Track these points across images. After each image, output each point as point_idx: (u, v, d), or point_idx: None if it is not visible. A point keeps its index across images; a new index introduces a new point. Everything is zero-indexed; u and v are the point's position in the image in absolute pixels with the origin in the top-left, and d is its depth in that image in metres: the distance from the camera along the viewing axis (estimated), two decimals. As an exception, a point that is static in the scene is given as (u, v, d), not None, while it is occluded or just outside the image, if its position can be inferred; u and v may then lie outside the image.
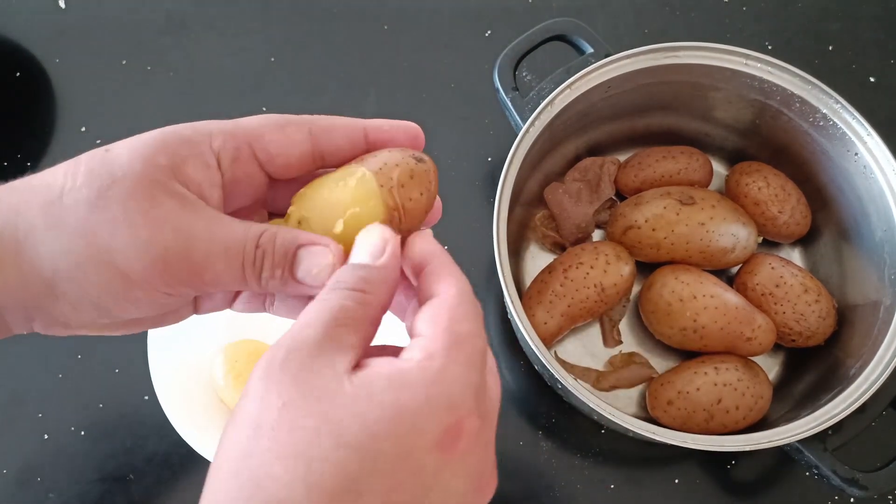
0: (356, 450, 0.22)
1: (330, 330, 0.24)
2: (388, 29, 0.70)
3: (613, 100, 0.57)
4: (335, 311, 0.25)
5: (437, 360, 0.24)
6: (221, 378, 0.54)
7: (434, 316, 0.25)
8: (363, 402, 0.23)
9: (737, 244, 0.57)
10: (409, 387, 0.23)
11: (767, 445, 0.47)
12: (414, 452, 0.23)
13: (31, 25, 0.70)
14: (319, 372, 0.23)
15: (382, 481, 0.22)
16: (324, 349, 0.24)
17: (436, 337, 0.25)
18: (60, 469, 0.57)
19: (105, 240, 0.26)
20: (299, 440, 0.22)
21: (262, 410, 0.23)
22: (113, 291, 0.27)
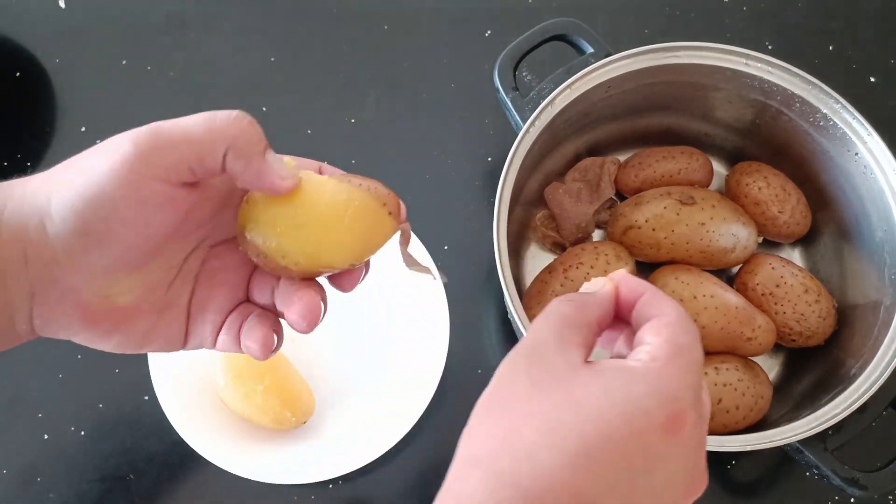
0: (593, 422, 0.26)
1: (560, 330, 0.29)
2: (388, 29, 0.70)
3: (613, 100, 0.57)
4: (560, 316, 0.30)
5: (660, 362, 0.28)
6: (221, 378, 0.54)
7: (657, 328, 0.29)
8: (598, 386, 0.27)
9: (737, 244, 0.57)
10: (637, 379, 0.27)
11: (768, 445, 0.47)
12: (643, 432, 0.26)
13: (31, 25, 0.70)
14: (558, 362, 0.28)
15: (615, 453, 0.25)
16: (559, 345, 0.29)
17: (659, 345, 0.28)
18: (60, 469, 0.57)
19: (81, 160, 0.29)
20: (548, 410, 0.26)
21: (514, 389, 0.28)
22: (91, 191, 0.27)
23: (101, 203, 0.27)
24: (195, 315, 0.33)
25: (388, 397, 0.57)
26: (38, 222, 0.28)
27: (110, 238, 0.28)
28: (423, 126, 0.67)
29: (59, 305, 0.29)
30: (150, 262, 0.31)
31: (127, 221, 0.28)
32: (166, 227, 0.30)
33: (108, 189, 0.27)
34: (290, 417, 0.54)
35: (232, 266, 0.34)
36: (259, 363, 0.54)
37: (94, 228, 0.28)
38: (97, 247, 0.28)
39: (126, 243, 0.29)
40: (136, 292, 0.31)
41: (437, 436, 0.58)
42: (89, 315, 0.30)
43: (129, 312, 0.31)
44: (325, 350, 0.59)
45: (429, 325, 0.57)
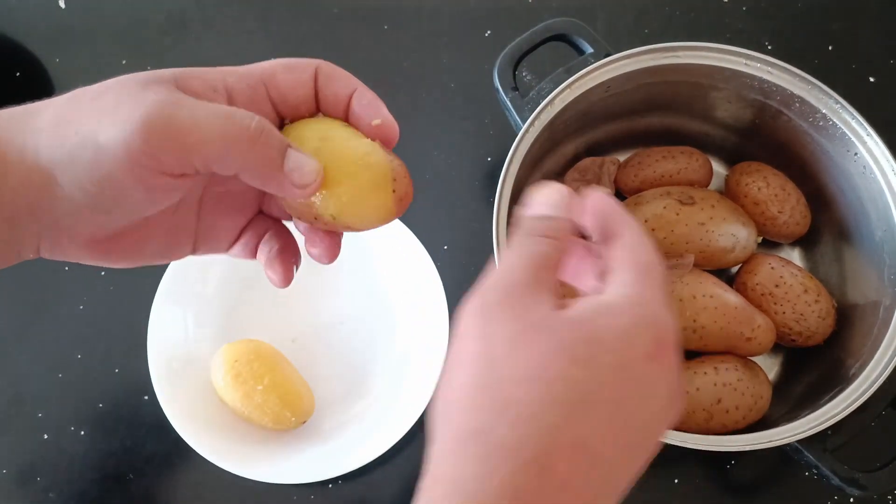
0: (585, 366, 0.25)
1: (536, 272, 0.28)
2: (388, 29, 0.70)
3: (613, 100, 0.57)
4: (536, 256, 0.28)
5: (635, 288, 0.27)
6: (221, 378, 0.54)
7: (620, 254, 0.29)
8: (584, 326, 0.26)
9: (736, 244, 0.57)
10: (619, 312, 0.27)
11: (767, 445, 0.47)
12: (633, 363, 0.26)
13: (31, 25, 0.70)
14: (535, 308, 0.27)
15: (610, 390, 0.25)
16: (533, 288, 0.27)
17: (627, 270, 0.28)
18: (60, 469, 0.57)
19: (92, 125, 0.27)
20: (536, 365, 0.25)
21: (492, 345, 0.26)
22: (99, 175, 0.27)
23: (111, 188, 0.27)
24: (203, 235, 0.34)
25: (387, 397, 0.57)
26: (45, 182, 0.28)
27: (119, 210, 0.29)
28: (423, 126, 0.67)
29: (68, 244, 0.30)
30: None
31: (136, 202, 0.28)
32: (173, 201, 0.30)
33: (118, 179, 0.27)
34: (290, 417, 0.54)
35: (239, 190, 0.34)
36: (258, 364, 0.54)
37: (103, 203, 0.28)
38: (105, 216, 0.29)
39: (134, 214, 0.29)
40: (143, 226, 0.31)
41: (437, 436, 0.58)
42: (99, 250, 0.31)
43: (138, 243, 0.32)
44: (324, 350, 0.59)
45: (428, 325, 0.57)
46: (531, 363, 0.25)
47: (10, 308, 0.62)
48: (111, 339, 0.60)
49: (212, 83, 0.30)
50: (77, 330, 0.61)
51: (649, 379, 0.26)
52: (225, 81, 0.31)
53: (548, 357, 0.25)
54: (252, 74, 0.32)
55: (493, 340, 0.26)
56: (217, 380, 0.55)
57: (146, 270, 0.59)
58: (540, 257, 0.28)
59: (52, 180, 0.27)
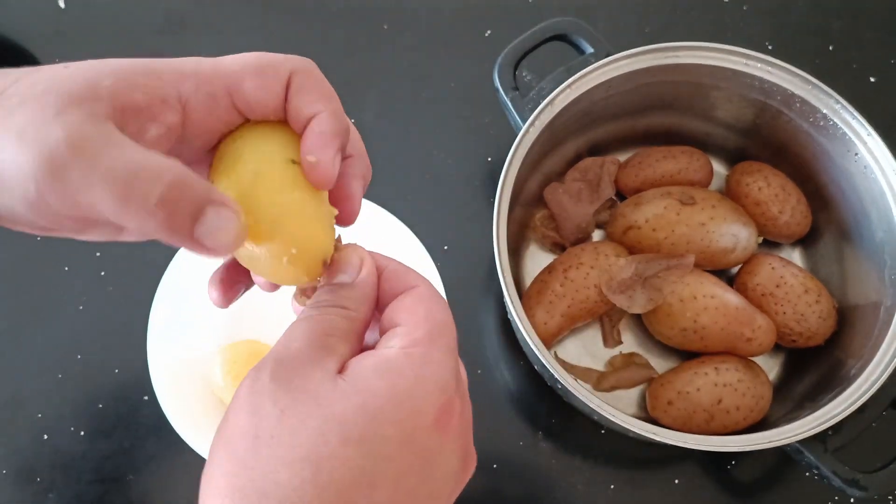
0: (362, 442, 0.23)
1: (318, 339, 0.25)
2: (388, 29, 0.70)
3: (613, 100, 0.57)
4: (324, 326, 0.25)
5: (421, 347, 0.25)
6: (220, 378, 0.54)
7: (411, 307, 0.26)
8: (360, 394, 0.23)
9: (737, 244, 0.57)
10: (400, 372, 0.24)
11: (767, 446, 0.47)
12: (416, 434, 0.24)
13: (31, 25, 0.70)
14: (311, 376, 0.24)
15: (392, 467, 0.23)
16: (312, 357, 0.24)
17: (417, 325, 0.26)
18: (60, 469, 0.57)
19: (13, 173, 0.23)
20: (303, 443, 0.22)
21: (259, 421, 0.23)
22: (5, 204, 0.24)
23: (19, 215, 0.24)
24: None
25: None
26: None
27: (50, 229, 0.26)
28: (424, 126, 0.67)
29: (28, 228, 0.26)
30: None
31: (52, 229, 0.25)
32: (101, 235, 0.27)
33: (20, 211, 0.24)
34: None
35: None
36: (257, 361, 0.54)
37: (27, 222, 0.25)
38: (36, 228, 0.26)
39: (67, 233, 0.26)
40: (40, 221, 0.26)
41: (437, 436, 0.58)
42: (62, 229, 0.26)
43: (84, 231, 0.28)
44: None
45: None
46: (301, 440, 0.22)
47: (10, 308, 0.62)
48: (111, 339, 0.60)
49: (161, 94, 0.26)
50: (77, 330, 0.61)
51: (436, 449, 0.24)
52: (179, 90, 0.26)
53: (321, 434, 0.22)
54: (215, 80, 0.27)
55: (261, 415, 0.23)
56: (217, 380, 0.55)
57: (146, 270, 0.59)
58: (325, 325, 0.25)
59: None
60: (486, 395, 0.59)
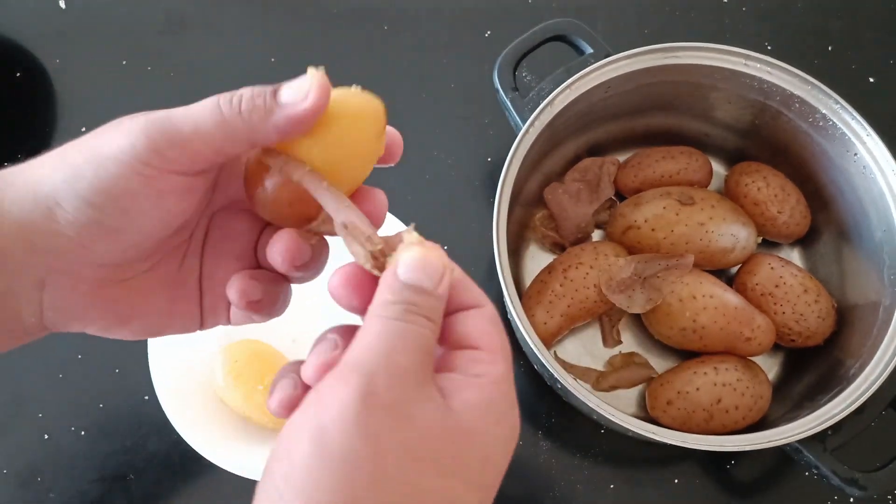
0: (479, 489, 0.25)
1: (420, 358, 0.25)
2: (388, 29, 0.70)
3: (613, 100, 0.57)
4: (422, 342, 0.25)
5: (505, 384, 0.26)
6: (221, 378, 0.54)
7: (488, 331, 0.27)
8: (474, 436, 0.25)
9: (736, 244, 0.57)
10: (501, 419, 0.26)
11: (767, 445, 0.47)
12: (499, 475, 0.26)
13: (31, 25, 0.70)
14: (424, 406, 0.24)
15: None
16: (420, 381, 0.25)
17: (496, 357, 0.27)
18: (60, 469, 0.57)
19: (95, 143, 0.27)
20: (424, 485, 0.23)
21: (380, 451, 0.23)
22: (105, 183, 0.26)
23: (118, 195, 0.26)
24: (206, 290, 0.32)
25: (387, 397, 0.57)
26: (46, 211, 0.27)
27: (127, 227, 0.27)
28: (423, 126, 0.67)
29: (72, 293, 0.28)
30: (165, 246, 0.30)
31: (145, 212, 0.27)
32: (184, 213, 0.29)
33: (125, 182, 0.26)
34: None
35: (236, 233, 0.33)
36: (259, 363, 0.54)
37: (111, 219, 0.27)
38: (113, 235, 0.27)
39: (143, 232, 0.28)
40: (150, 273, 0.30)
41: (437, 436, 0.58)
42: (104, 300, 0.29)
43: (145, 294, 0.30)
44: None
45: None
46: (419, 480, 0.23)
47: (10, 308, 0.62)
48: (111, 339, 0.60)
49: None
50: (77, 330, 0.61)
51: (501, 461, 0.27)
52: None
53: (444, 479, 0.24)
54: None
55: (382, 445, 0.23)
56: (218, 380, 0.55)
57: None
58: (423, 341, 0.25)
59: (53, 204, 0.27)
60: (486, 395, 0.59)
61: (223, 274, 0.32)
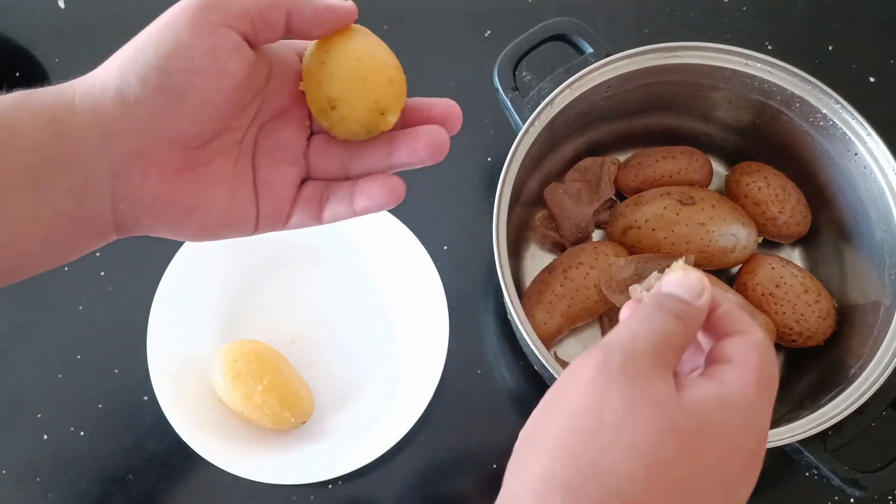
0: (690, 459, 0.25)
1: (661, 347, 0.27)
2: (387, 29, 0.70)
3: (613, 100, 0.57)
4: (664, 333, 0.28)
5: (752, 392, 0.27)
6: (221, 378, 0.54)
7: (746, 349, 0.28)
8: (699, 417, 0.26)
9: (737, 244, 0.57)
10: (734, 411, 0.27)
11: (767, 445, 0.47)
12: (731, 465, 0.26)
13: (31, 25, 0.70)
14: (656, 383, 0.26)
15: (703, 485, 0.26)
16: (656, 364, 0.27)
17: (752, 370, 0.28)
18: (60, 469, 0.57)
19: (155, 22, 0.32)
20: (644, 440, 0.25)
21: (604, 405, 0.26)
22: (167, 45, 0.30)
23: (178, 53, 0.29)
24: (264, 194, 0.34)
25: (387, 397, 0.57)
26: (116, 94, 0.29)
27: (189, 91, 0.30)
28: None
29: (144, 180, 0.31)
30: (223, 126, 0.32)
31: (203, 70, 0.30)
32: (236, 77, 0.31)
33: (183, 38, 0.29)
34: (290, 418, 0.54)
35: (285, 141, 0.35)
36: (258, 364, 0.54)
37: (174, 82, 0.29)
38: (178, 102, 0.30)
39: (203, 96, 0.30)
40: (210, 166, 0.33)
41: (437, 436, 0.58)
42: (173, 188, 0.31)
43: (208, 185, 0.33)
44: (324, 350, 0.59)
45: (428, 325, 0.57)
46: (640, 438, 0.25)
47: (10, 308, 0.62)
48: (111, 339, 0.60)
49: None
50: (77, 330, 0.61)
51: (737, 483, 0.27)
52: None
53: (658, 438, 0.25)
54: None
55: (606, 401, 0.26)
56: (217, 380, 0.55)
57: (146, 270, 0.59)
58: (668, 335, 0.28)
59: (120, 83, 0.29)
60: (486, 395, 0.59)
61: (280, 177, 0.34)
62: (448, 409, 0.58)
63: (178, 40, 0.29)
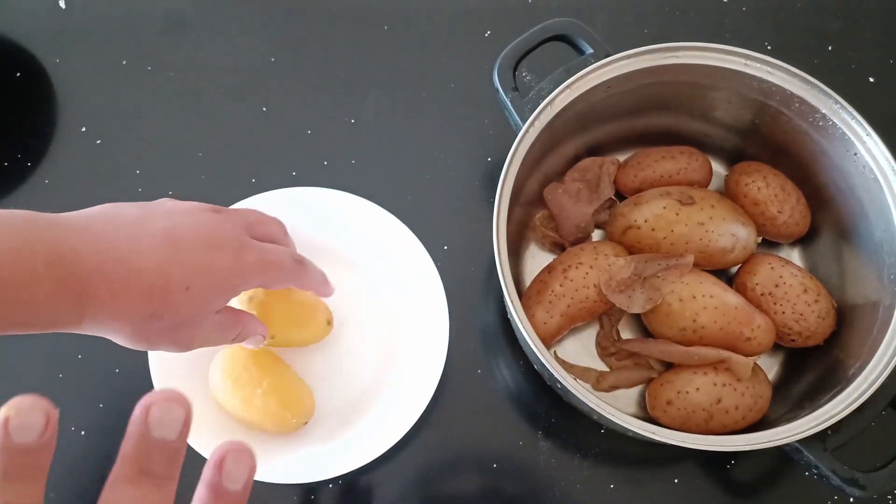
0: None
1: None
2: (388, 29, 0.70)
3: (613, 100, 0.57)
4: None
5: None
6: (220, 384, 0.54)
7: None
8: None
9: (736, 244, 0.57)
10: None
11: (767, 445, 0.47)
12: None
13: (31, 25, 0.70)
14: None
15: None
16: None
17: None
18: (60, 469, 0.57)
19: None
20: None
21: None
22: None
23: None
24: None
25: (387, 397, 0.57)
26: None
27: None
28: (423, 126, 0.67)
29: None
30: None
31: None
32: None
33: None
34: (291, 419, 0.54)
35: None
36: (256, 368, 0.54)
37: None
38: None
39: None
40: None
41: (437, 436, 0.58)
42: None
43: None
44: (324, 351, 0.59)
45: (428, 325, 0.57)
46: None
47: (10, 308, 0.62)
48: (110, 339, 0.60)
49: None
50: (77, 330, 0.61)
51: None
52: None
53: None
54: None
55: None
56: (216, 386, 0.55)
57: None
58: None
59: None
60: (486, 395, 0.59)
61: None
62: (448, 409, 0.58)
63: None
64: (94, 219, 0.39)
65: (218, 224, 0.44)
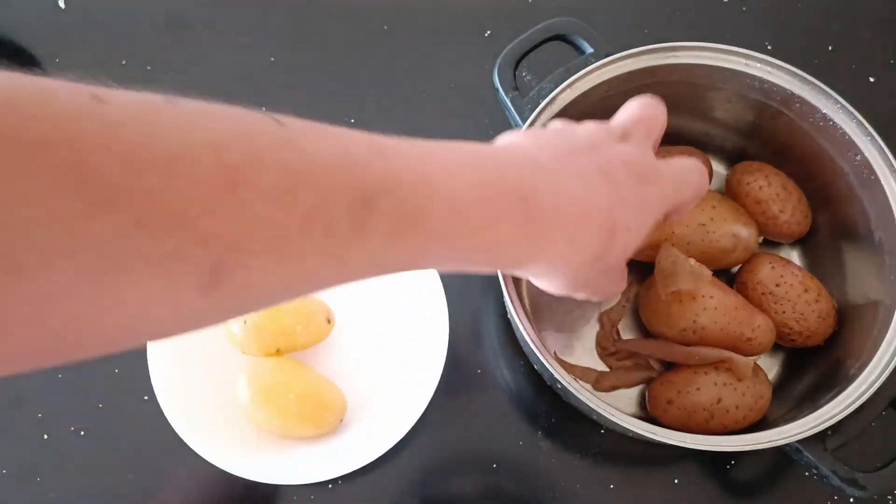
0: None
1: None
2: (387, 29, 0.70)
3: (613, 100, 0.57)
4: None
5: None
6: (249, 398, 0.54)
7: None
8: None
9: (738, 244, 0.57)
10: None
11: (767, 445, 0.47)
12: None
13: (31, 25, 0.70)
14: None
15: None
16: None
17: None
18: (60, 469, 0.57)
19: None
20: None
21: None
22: None
23: None
24: None
25: (387, 397, 0.57)
26: None
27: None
28: (423, 126, 0.67)
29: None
30: None
31: None
32: None
33: None
34: (330, 417, 0.54)
35: None
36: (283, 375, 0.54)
37: None
38: None
39: None
40: None
41: (437, 436, 0.58)
42: None
43: None
44: (324, 351, 0.59)
45: (428, 325, 0.57)
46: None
47: (10, 308, 0.62)
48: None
49: None
50: (77, 330, 0.61)
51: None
52: None
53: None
54: None
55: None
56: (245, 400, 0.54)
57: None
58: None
59: None
60: (486, 395, 0.59)
61: None
62: (448, 409, 0.58)
63: None
64: (535, 153, 0.37)
65: (636, 152, 0.39)
